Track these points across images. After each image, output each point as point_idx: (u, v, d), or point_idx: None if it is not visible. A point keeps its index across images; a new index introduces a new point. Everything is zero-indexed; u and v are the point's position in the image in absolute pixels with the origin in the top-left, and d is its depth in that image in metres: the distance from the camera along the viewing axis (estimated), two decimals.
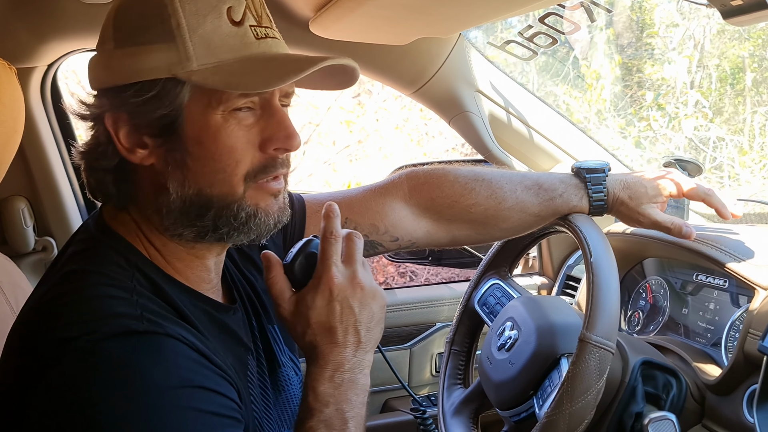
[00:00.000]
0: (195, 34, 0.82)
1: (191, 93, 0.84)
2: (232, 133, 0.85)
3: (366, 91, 5.90)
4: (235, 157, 0.86)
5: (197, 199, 0.86)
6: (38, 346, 0.77)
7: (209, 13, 0.83)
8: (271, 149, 0.88)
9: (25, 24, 1.57)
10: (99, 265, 0.85)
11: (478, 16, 1.37)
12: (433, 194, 1.27)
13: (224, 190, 0.86)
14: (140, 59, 0.83)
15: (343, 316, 0.94)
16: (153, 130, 0.85)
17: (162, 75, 0.83)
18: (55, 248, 1.85)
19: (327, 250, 0.96)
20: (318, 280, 0.94)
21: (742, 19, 1.02)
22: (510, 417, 1.30)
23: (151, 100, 0.83)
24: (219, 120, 0.85)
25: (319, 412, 0.90)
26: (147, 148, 0.86)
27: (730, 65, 5.08)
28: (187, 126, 0.85)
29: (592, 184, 1.27)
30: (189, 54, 0.82)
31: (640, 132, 5.12)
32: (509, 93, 1.87)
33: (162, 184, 0.87)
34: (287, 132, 0.88)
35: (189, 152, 0.85)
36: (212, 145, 0.85)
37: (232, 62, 0.84)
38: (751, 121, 4.88)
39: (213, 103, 0.84)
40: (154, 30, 0.83)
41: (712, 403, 1.25)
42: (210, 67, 0.83)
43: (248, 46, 0.85)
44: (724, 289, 1.38)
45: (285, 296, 0.96)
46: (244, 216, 0.88)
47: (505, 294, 1.50)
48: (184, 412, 0.75)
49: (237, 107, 0.85)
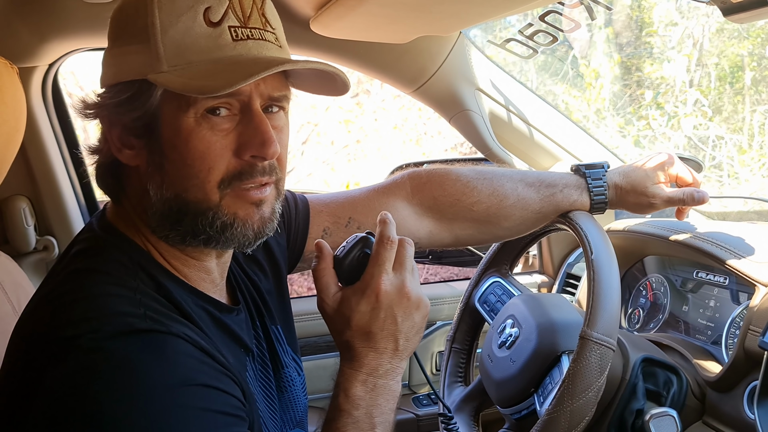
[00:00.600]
0: (166, 35, 0.81)
1: (163, 95, 0.83)
2: (204, 137, 0.83)
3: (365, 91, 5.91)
4: (207, 163, 0.83)
5: (175, 204, 0.85)
6: (41, 344, 0.77)
7: (184, 14, 0.81)
8: (247, 156, 0.85)
9: (27, 23, 1.57)
10: (102, 263, 0.85)
11: (479, 14, 1.37)
12: (435, 193, 1.27)
13: (199, 196, 0.85)
14: (120, 60, 0.84)
15: (385, 324, 0.92)
16: (136, 131, 0.85)
17: (136, 76, 0.82)
18: (57, 247, 1.85)
19: (381, 254, 0.94)
20: (366, 284, 0.93)
21: (742, 17, 1.02)
22: (511, 414, 1.30)
23: (126, 102, 0.84)
24: (191, 123, 0.83)
25: (348, 414, 0.90)
26: (134, 149, 0.87)
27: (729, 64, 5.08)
28: (162, 129, 0.84)
29: (592, 179, 1.28)
30: (159, 55, 0.81)
31: (639, 131, 5.13)
32: (509, 91, 1.87)
33: (145, 186, 0.87)
34: (262, 138, 0.84)
35: (166, 155, 0.84)
36: (184, 149, 0.83)
37: (200, 64, 0.82)
38: (751, 120, 4.88)
39: (183, 106, 0.82)
40: (133, 30, 0.83)
41: (712, 400, 1.25)
42: (179, 68, 0.81)
43: (222, 48, 0.82)
44: (724, 286, 1.38)
45: (330, 291, 0.95)
46: (219, 225, 0.85)
47: (505, 292, 1.50)
48: (188, 410, 0.75)
49: (209, 110, 0.83)
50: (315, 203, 1.24)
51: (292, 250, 1.21)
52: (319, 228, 1.22)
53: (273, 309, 1.11)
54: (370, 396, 0.91)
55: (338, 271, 0.96)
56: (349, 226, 1.23)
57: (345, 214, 1.24)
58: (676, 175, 1.32)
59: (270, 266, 1.15)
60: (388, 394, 0.93)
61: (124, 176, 0.90)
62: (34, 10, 1.53)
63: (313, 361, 1.86)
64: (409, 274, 0.96)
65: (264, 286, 1.12)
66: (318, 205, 1.24)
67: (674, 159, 1.33)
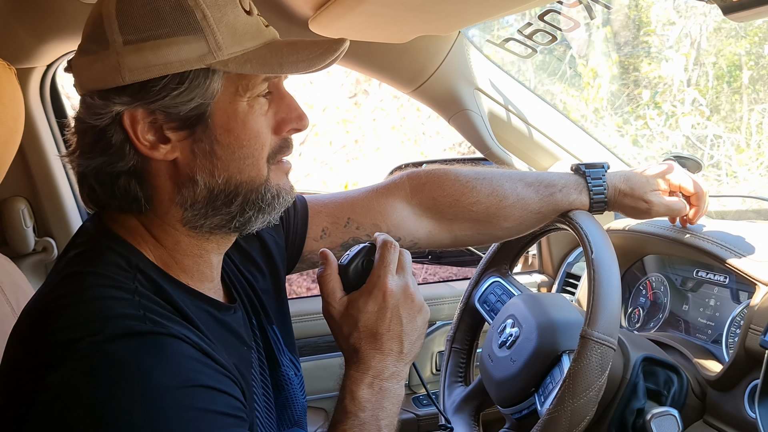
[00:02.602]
0: (221, 24, 0.83)
1: (221, 82, 0.85)
2: (257, 118, 0.88)
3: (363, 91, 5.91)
4: (260, 141, 0.88)
5: (225, 187, 0.88)
6: (40, 348, 0.76)
7: (227, 5, 0.85)
8: (285, 131, 0.91)
9: (25, 24, 1.56)
10: (100, 266, 0.84)
11: (478, 14, 1.37)
12: (434, 193, 1.27)
13: (252, 174, 0.89)
14: (164, 52, 0.82)
15: (391, 325, 0.96)
16: (180, 123, 0.85)
17: (194, 66, 0.83)
18: (56, 249, 1.85)
19: (386, 257, 0.99)
20: (373, 284, 0.97)
21: (742, 15, 1.02)
22: (511, 414, 1.30)
23: (184, 93, 0.83)
24: (245, 107, 0.87)
25: (354, 416, 0.91)
26: (169, 142, 0.86)
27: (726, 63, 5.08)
28: (216, 115, 0.86)
29: (592, 178, 1.28)
30: (219, 44, 0.83)
31: (638, 130, 5.13)
32: (509, 91, 1.87)
33: (188, 177, 0.87)
34: (298, 113, 0.91)
35: (218, 141, 0.86)
36: (241, 132, 0.87)
37: (257, 49, 0.86)
38: (748, 119, 4.89)
39: (240, 91, 0.86)
40: (174, 23, 0.82)
41: (713, 399, 1.25)
42: (238, 55, 0.84)
43: (263, 34, 0.88)
44: (724, 285, 1.38)
45: (336, 296, 0.99)
46: (270, 197, 0.91)
47: (505, 291, 1.50)
48: (189, 412, 0.74)
49: (260, 93, 0.88)
50: (313, 203, 1.24)
51: (291, 250, 1.21)
52: (318, 228, 1.22)
53: (269, 308, 1.11)
54: (376, 399, 0.93)
55: (342, 277, 1.00)
56: (347, 227, 1.23)
57: (344, 214, 1.24)
58: (679, 185, 1.33)
59: (267, 266, 1.15)
60: (393, 398, 0.95)
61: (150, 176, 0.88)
62: (32, 10, 1.52)
63: (312, 362, 1.86)
64: (411, 278, 1.01)
65: (260, 285, 1.12)
66: (316, 205, 1.24)
67: (677, 169, 1.33)
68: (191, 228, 0.90)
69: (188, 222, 0.89)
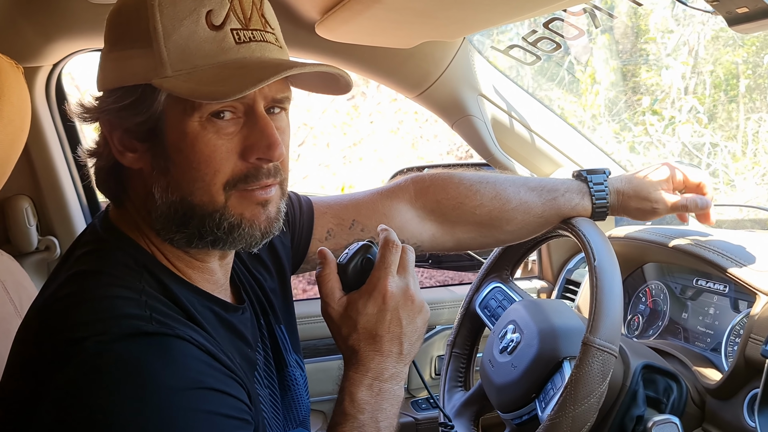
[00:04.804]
0: (170, 40, 0.80)
1: (168, 100, 0.82)
2: (210, 141, 0.83)
3: (361, 94, 5.91)
4: (213, 166, 0.83)
5: (181, 206, 0.85)
6: (47, 347, 0.76)
7: (186, 18, 0.80)
8: (253, 158, 0.85)
9: (32, 23, 1.56)
10: (107, 265, 0.84)
11: (484, 21, 1.38)
12: (438, 196, 1.28)
13: (204, 199, 0.84)
14: (122, 64, 0.83)
15: (391, 326, 0.95)
16: (139, 135, 0.85)
17: (140, 81, 0.81)
18: (58, 248, 1.85)
19: (387, 258, 0.96)
20: (373, 286, 0.95)
21: (747, 27, 1.03)
22: (511, 419, 1.31)
23: (130, 107, 0.83)
24: (196, 127, 0.82)
25: (353, 418, 0.91)
26: (136, 152, 0.86)
27: (723, 72, 5.10)
28: (167, 133, 0.84)
29: (594, 183, 1.29)
30: (163, 60, 0.80)
31: (635, 137, 5.14)
32: (512, 97, 1.87)
33: (149, 189, 0.86)
34: (268, 141, 0.84)
35: (171, 159, 0.84)
36: (190, 153, 0.83)
37: (206, 68, 0.81)
38: (745, 128, 4.90)
39: (188, 110, 0.82)
40: (135, 34, 0.82)
41: (712, 408, 1.26)
42: (183, 73, 0.80)
43: (226, 51, 0.82)
44: (724, 294, 1.39)
45: (335, 296, 0.97)
46: (227, 225, 0.86)
47: (506, 297, 1.51)
48: (194, 414, 0.74)
49: (213, 113, 0.82)
50: (319, 205, 1.24)
51: (296, 251, 1.21)
52: (323, 229, 1.23)
53: (277, 308, 1.12)
54: (376, 400, 0.93)
55: (342, 277, 0.98)
56: (352, 229, 1.23)
57: (349, 216, 1.24)
58: (681, 181, 1.32)
59: (274, 266, 1.16)
60: (392, 399, 0.95)
61: (126, 179, 0.90)
62: (40, 10, 1.52)
63: (312, 364, 1.86)
64: (412, 279, 0.99)
65: (268, 285, 1.12)
66: (322, 206, 1.24)
67: (677, 168, 1.34)
68: (164, 239, 0.88)
69: (159, 233, 0.88)
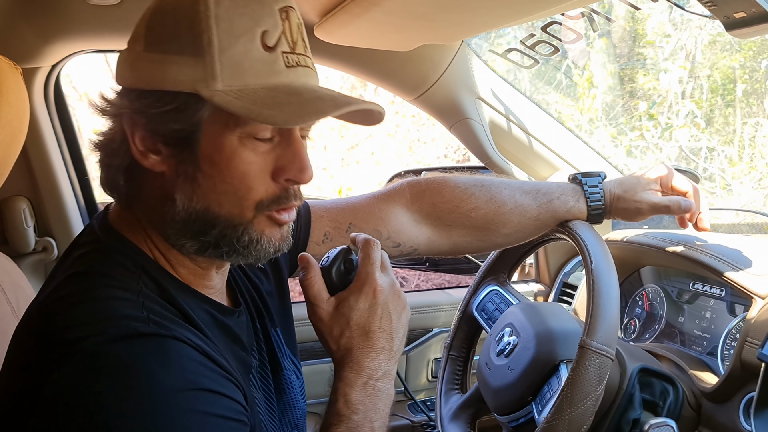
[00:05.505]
0: (225, 55, 0.80)
1: (211, 111, 0.82)
2: (246, 158, 0.84)
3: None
4: (246, 183, 0.84)
5: (203, 215, 0.85)
6: (43, 347, 0.76)
7: (243, 35, 0.80)
8: (283, 179, 0.86)
9: (31, 24, 1.56)
10: (105, 266, 0.84)
11: (483, 24, 1.38)
12: (434, 200, 1.28)
13: (233, 212, 0.85)
14: (165, 68, 0.81)
15: (382, 321, 0.96)
16: (168, 139, 0.84)
17: (185, 89, 0.81)
18: (56, 249, 1.85)
19: (371, 255, 0.98)
20: (362, 281, 0.96)
21: (745, 32, 1.04)
22: (508, 422, 1.31)
23: (170, 113, 0.82)
24: (235, 143, 0.83)
25: (347, 419, 0.90)
26: (160, 155, 0.85)
27: (721, 76, 5.11)
28: (202, 142, 0.83)
29: (589, 186, 1.30)
30: (215, 73, 0.80)
31: (632, 141, 5.16)
32: (510, 100, 1.88)
33: (169, 193, 0.86)
34: (301, 165, 0.86)
35: (201, 169, 0.84)
36: (225, 167, 0.83)
37: (257, 89, 0.81)
38: (741, 132, 4.92)
39: (231, 125, 0.82)
40: (184, 41, 0.81)
41: (708, 411, 1.26)
42: (234, 89, 0.80)
43: (276, 74, 0.82)
44: (720, 297, 1.39)
45: (323, 297, 0.97)
46: (247, 240, 0.87)
47: (503, 300, 1.51)
48: (191, 415, 0.74)
49: (255, 135, 0.83)
50: (316, 208, 1.24)
51: (294, 254, 1.21)
52: (320, 233, 1.23)
53: (273, 311, 1.12)
54: (370, 400, 0.92)
55: (326, 279, 0.99)
56: (349, 232, 1.24)
57: (345, 219, 1.24)
58: (671, 185, 1.33)
59: (271, 269, 1.16)
60: (385, 398, 0.95)
61: (142, 180, 0.88)
62: (39, 10, 1.52)
63: (308, 367, 1.86)
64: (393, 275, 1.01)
65: (265, 287, 1.12)
66: (319, 210, 1.24)
67: (672, 170, 1.34)
68: (173, 245, 0.88)
69: (169, 238, 0.88)
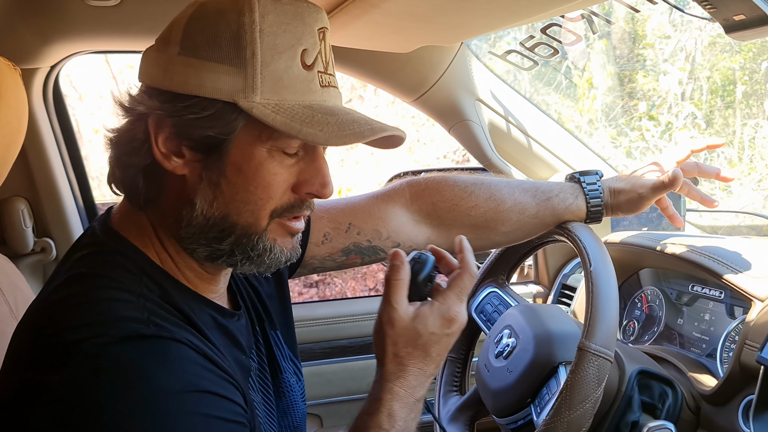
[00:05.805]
0: (267, 69, 0.82)
1: (245, 122, 0.83)
2: (272, 169, 0.85)
3: (358, 97, 5.91)
4: (268, 193, 0.86)
5: (221, 222, 0.86)
6: (44, 348, 0.76)
7: (285, 52, 0.83)
8: (304, 192, 0.88)
9: (30, 25, 1.56)
10: (106, 268, 0.84)
11: (483, 26, 1.38)
12: (433, 199, 1.28)
13: (250, 221, 0.86)
14: (203, 75, 0.82)
15: (440, 350, 0.95)
16: (196, 144, 0.84)
17: (222, 97, 0.82)
18: (54, 249, 1.85)
19: (467, 286, 0.97)
20: (447, 308, 0.95)
21: (744, 34, 1.03)
22: (507, 424, 1.31)
23: (205, 119, 0.82)
24: (264, 154, 0.85)
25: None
26: (183, 158, 0.85)
27: (720, 78, 5.11)
28: (232, 151, 0.84)
29: (587, 183, 1.29)
30: (255, 86, 0.82)
31: (632, 142, 5.15)
32: (509, 102, 1.88)
33: (189, 198, 0.86)
34: (323, 180, 0.89)
35: (226, 176, 0.85)
36: (251, 177, 0.85)
37: (294, 105, 0.83)
38: (741, 134, 4.91)
39: (263, 137, 0.84)
40: (225, 51, 0.82)
41: (707, 414, 1.26)
42: (272, 103, 0.82)
43: (312, 93, 0.85)
44: (719, 300, 1.39)
45: (404, 303, 0.95)
46: (262, 248, 0.88)
47: (502, 302, 1.51)
48: (191, 417, 0.75)
49: (284, 149, 0.85)
50: (315, 209, 1.24)
51: None
52: (320, 233, 1.23)
53: (273, 313, 1.12)
54: (411, 419, 0.93)
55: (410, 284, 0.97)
56: (348, 232, 1.23)
57: (345, 219, 1.24)
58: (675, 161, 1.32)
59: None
60: (418, 418, 0.95)
61: (161, 182, 0.88)
62: (38, 11, 1.52)
63: (308, 368, 1.86)
64: None
65: (264, 290, 1.12)
66: (318, 210, 1.24)
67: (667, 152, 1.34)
68: (184, 248, 0.89)
69: (182, 241, 0.88)
